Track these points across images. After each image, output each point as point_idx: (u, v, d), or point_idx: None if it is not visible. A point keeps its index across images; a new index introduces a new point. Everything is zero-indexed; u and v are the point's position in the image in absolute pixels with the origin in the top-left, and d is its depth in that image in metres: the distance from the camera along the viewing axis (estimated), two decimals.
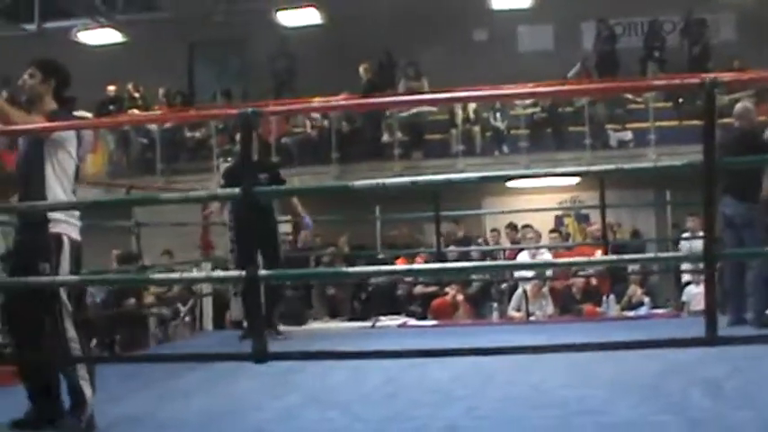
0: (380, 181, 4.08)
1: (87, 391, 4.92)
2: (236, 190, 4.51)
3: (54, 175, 4.98)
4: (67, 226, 4.99)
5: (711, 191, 4.03)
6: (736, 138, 8.36)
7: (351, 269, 8.19)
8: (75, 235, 5.06)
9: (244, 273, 4.42)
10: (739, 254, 8.12)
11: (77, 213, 5.13)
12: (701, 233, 11.17)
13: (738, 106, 8.90)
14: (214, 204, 9.66)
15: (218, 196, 6.89)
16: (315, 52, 18.65)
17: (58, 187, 4.98)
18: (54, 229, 4.93)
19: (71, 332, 4.89)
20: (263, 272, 4.47)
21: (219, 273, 9.58)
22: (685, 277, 11.67)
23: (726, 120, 9.14)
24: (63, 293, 4.91)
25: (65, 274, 4.91)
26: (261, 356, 4.23)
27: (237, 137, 9.06)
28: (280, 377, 6.23)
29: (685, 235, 12.09)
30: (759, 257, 7.73)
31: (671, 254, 11.22)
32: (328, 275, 10.92)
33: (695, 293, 11.05)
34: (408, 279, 12.09)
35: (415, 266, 9.44)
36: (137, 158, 17.89)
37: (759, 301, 8.20)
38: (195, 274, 9.98)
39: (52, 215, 4.94)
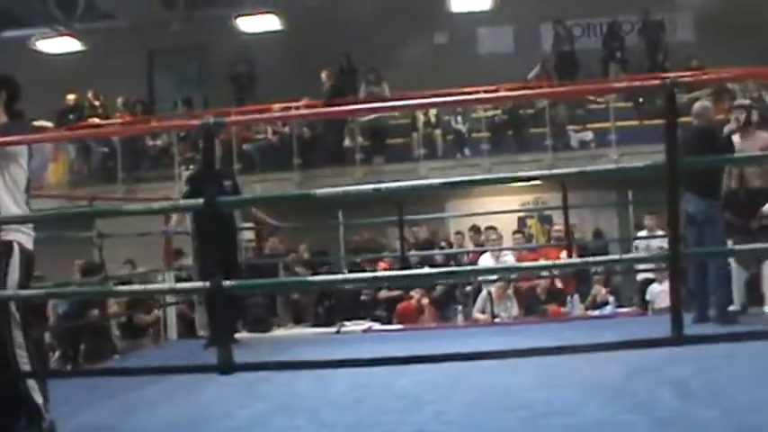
0: (343, 189, 4.06)
1: (38, 399, 4.84)
2: (200, 201, 4.47)
3: (5, 187, 4.94)
4: (20, 234, 4.94)
5: (675, 191, 4.04)
6: (695, 136, 8.43)
7: (314, 278, 8.15)
8: (28, 244, 5.00)
9: (207, 284, 4.39)
10: (703, 253, 8.18)
11: (30, 224, 5.09)
12: (659, 232, 11.41)
13: (697, 105, 8.99)
14: (174, 215, 9.59)
15: (181, 207, 6.82)
16: (275, 58, 18.62)
17: (8, 199, 4.93)
18: (5, 237, 4.88)
19: (19, 340, 4.83)
20: (227, 282, 4.41)
21: (183, 284, 9.49)
22: (644, 275, 11.75)
23: (684, 119, 9.21)
24: (11, 303, 4.85)
25: (13, 282, 4.86)
26: (227, 368, 4.20)
27: (200, 144, 9.02)
28: (246, 385, 6.17)
29: (641, 233, 12.19)
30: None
31: (635, 255, 11.26)
32: (292, 285, 10.88)
33: (659, 291, 11.12)
34: None
35: (380, 274, 9.44)
36: (98, 167, 17.78)
37: (721, 297, 8.28)
38: (159, 285, 9.89)
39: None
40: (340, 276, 7.09)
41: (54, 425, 4.91)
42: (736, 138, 8.83)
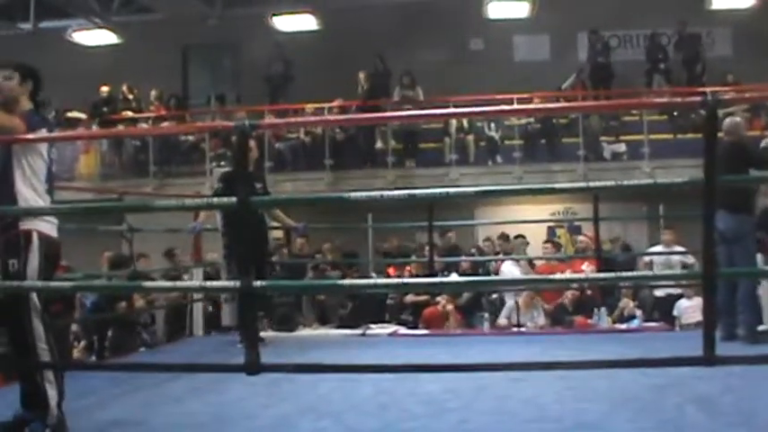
0: (378, 193, 4.06)
1: (52, 394, 4.84)
2: (233, 199, 4.48)
3: (23, 177, 4.97)
4: (41, 223, 4.96)
5: (711, 209, 4.02)
6: (727, 151, 8.35)
7: (345, 281, 8.16)
8: (49, 231, 5.03)
9: (238, 284, 4.39)
10: (737, 272, 8.13)
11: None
12: (676, 247, 11.37)
13: (728, 121, 8.93)
14: (202, 213, 9.61)
15: (215, 205, 6.83)
16: (310, 58, 18.61)
17: (26, 189, 4.96)
18: (24, 226, 4.91)
19: (38, 330, 4.85)
20: (257, 283, 4.42)
21: (214, 283, 9.51)
22: (666, 290, 11.70)
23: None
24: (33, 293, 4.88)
25: (33, 270, 4.88)
26: (254, 368, 4.20)
27: (231, 141, 9.04)
28: (271, 385, 6.18)
29: (657, 248, 12.14)
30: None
31: (668, 272, 11.19)
32: (322, 288, 10.89)
33: (686, 307, 11.06)
34: None
35: (407, 280, 9.42)
36: (129, 160, 17.84)
37: (750, 316, 8.22)
38: (189, 282, 9.92)
39: None
40: (369, 281, 7.07)
41: (63, 422, 4.88)
42: None
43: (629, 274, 9.25)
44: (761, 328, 8.85)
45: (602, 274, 9.60)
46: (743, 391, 5.79)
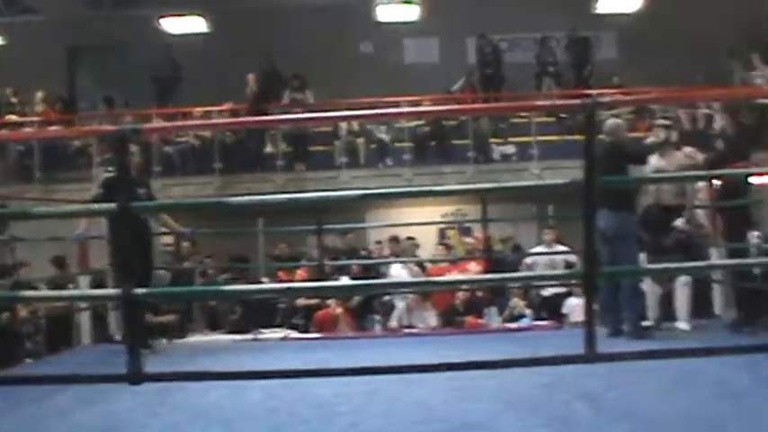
0: (260, 198, 4.01)
1: None
2: (113, 205, 4.39)
3: None
4: None
5: (592, 208, 4.07)
6: (607, 151, 8.54)
7: (229, 288, 8.08)
8: None
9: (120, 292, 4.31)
10: (618, 272, 8.28)
11: None
12: (557, 246, 11.56)
13: (609, 123, 9.12)
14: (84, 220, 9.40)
15: (94, 211, 6.68)
16: (199, 61, 18.43)
17: None
18: None
19: None
20: (139, 291, 4.34)
21: (96, 291, 9.32)
22: (553, 289, 11.89)
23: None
24: None
25: None
26: (136, 378, 4.13)
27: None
28: (161, 394, 6.08)
29: (538, 248, 12.33)
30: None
31: (550, 272, 11.35)
32: (206, 294, 10.76)
33: (575, 305, 11.22)
34: None
35: (293, 285, 9.37)
36: (13, 165, 17.37)
37: (633, 313, 8.38)
38: (71, 291, 9.69)
39: None
40: (253, 287, 7.01)
41: None
42: (654, 157, 8.98)
43: (513, 275, 9.38)
44: (645, 323, 9.06)
45: (486, 276, 9.72)
46: (627, 386, 5.92)
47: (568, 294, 11.58)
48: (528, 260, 12.45)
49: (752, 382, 5.90)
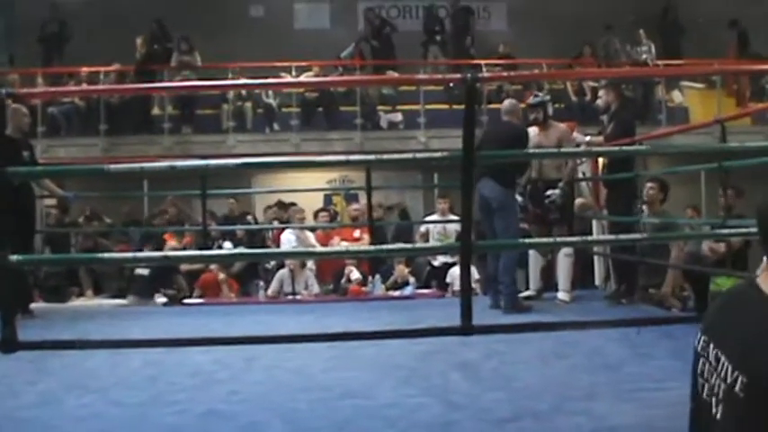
0: (137, 165, 3.97)
1: None
2: None
3: None
4: None
5: (469, 183, 4.12)
6: (506, 131, 8.64)
7: (107, 255, 7.95)
8: None
9: None
10: (493, 245, 8.40)
11: None
12: (451, 216, 11.66)
13: (506, 103, 9.22)
14: None
15: None
16: (87, 20, 17.97)
17: None
18: None
19: None
20: (13, 257, 4.25)
21: None
22: (443, 259, 11.99)
23: (494, 105, 9.48)
24: None
25: None
26: (9, 347, 4.05)
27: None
28: (37, 361, 5.98)
29: (433, 217, 12.45)
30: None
31: (429, 245, 11.47)
32: (82, 261, 10.56)
33: (459, 275, 11.30)
34: None
35: (171, 254, 9.27)
36: None
37: (509, 286, 8.48)
38: None
39: None
40: (130, 255, 6.90)
41: None
42: (533, 131, 9.11)
43: (393, 246, 9.48)
44: (526, 293, 9.23)
45: (367, 246, 9.77)
46: (504, 356, 6.04)
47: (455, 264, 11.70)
48: (422, 228, 12.54)
49: (626, 353, 6.07)
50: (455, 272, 11.45)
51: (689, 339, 6.27)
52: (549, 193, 9.06)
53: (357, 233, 12.04)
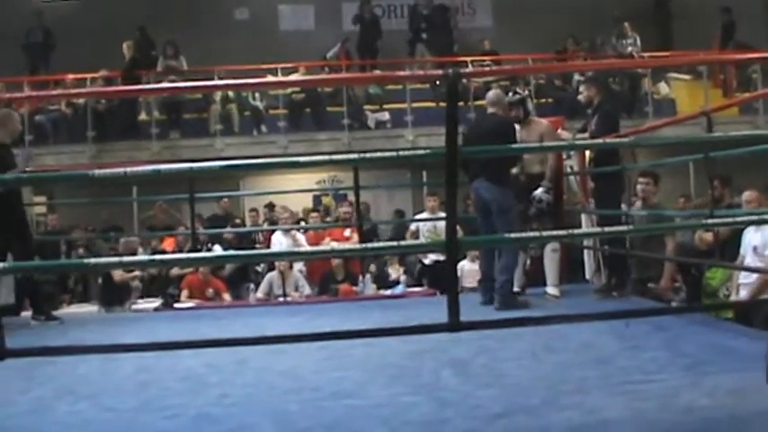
0: (122, 170, 3.94)
1: None
2: None
3: None
4: None
5: (453, 179, 4.11)
6: (495, 125, 8.55)
7: (93, 260, 7.91)
8: None
9: None
10: (477, 241, 8.37)
11: None
12: (441, 213, 11.63)
13: (491, 94, 9.14)
14: None
15: None
16: (71, 28, 17.96)
17: None
18: None
19: None
20: (0, 265, 4.24)
21: None
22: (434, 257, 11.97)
23: (481, 102, 9.44)
24: None
25: None
26: None
27: None
28: (29, 368, 5.94)
29: (423, 215, 12.43)
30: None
31: (416, 242, 11.42)
32: (71, 267, 10.51)
33: (468, 270, 11.24)
34: None
35: (157, 257, 9.20)
36: None
37: (503, 284, 8.43)
38: None
39: None
40: (115, 260, 6.84)
41: None
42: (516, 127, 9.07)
43: (379, 244, 9.51)
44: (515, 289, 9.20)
45: (354, 245, 9.75)
46: (495, 352, 6.01)
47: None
48: (412, 227, 12.52)
49: (618, 346, 6.06)
50: (465, 267, 11.39)
51: (681, 331, 6.29)
52: (535, 194, 9.00)
53: (347, 232, 12.03)
